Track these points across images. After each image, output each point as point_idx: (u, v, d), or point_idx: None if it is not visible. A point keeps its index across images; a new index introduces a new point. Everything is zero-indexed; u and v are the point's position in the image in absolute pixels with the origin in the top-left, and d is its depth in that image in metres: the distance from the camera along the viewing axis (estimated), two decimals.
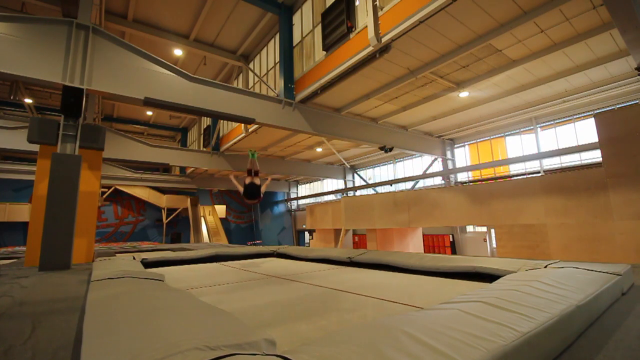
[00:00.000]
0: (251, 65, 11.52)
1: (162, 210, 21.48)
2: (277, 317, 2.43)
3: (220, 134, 14.22)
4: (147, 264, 5.81)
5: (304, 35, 8.73)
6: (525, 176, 11.03)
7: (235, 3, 8.97)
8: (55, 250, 5.10)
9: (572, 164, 10.20)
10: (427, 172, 13.90)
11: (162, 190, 20.93)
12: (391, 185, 15.51)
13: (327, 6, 7.56)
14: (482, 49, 7.01)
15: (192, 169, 16.82)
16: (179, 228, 22.56)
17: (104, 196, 19.51)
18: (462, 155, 13.53)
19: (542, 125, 11.00)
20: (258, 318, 2.41)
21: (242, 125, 11.41)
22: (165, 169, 20.36)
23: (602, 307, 2.15)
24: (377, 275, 4.37)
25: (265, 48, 10.72)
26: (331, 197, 19.94)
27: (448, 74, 8.24)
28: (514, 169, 11.81)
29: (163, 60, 6.71)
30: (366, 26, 6.23)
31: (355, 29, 6.74)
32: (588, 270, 2.74)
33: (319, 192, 20.90)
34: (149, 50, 6.77)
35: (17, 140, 10.18)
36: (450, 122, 11.90)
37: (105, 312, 1.82)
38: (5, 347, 1.66)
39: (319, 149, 15.15)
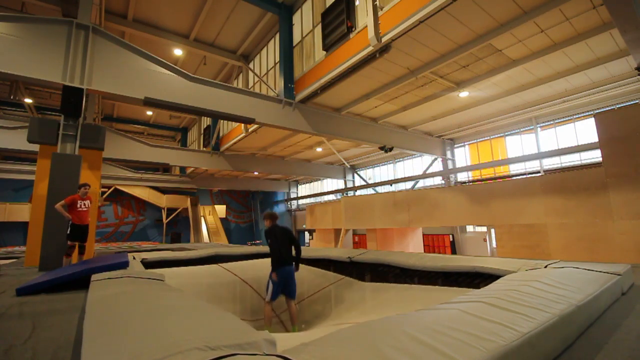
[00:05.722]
0: (251, 65, 11.51)
1: (162, 210, 21.46)
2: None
3: (220, 134, 14.21)
4: (147, 264, 5.80)
5: (304, 35, 8.72)
6: (525, 176, 11.02)
7: (235, 3, 8.96)
8: (55, 250, 5.10)
9: (572, 164, 10.19)
10: (427, 172, 13.89)
11: (162, 190, 20.92)
12: (391, 185, 15.51)
13: (327, 6, 7.55)
14: (482, 48, 7.00)
15: (192, 168, 16.81)
16: (179, 228, 22.54)
17: (104, 196, 19.50)
18: (462, 155, 13.52)
19: (542, 125, 10.99)
20: None
21: (242, 125, 11.41)
22: (166, 169, 20.35)
23: (602, 307, 2.15)
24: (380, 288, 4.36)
25: (265, 48, 10.71)
26: (331, 197, 19.93)
27: (448, 73, 8.23)
28: (514, 169, 11.80)
29: (163, 60, 6.71)
30: (366, 26, 6.22)
31: (355, 28, 6.73)
32: (588, 270, 2.74)
33: (319, 192, 20.88)
34: (149, 50, 6.76)
35: (17, 140, 10.18)
36: (450, 122, 11.89)
37: (105, 312, 1.81)
38: (5, 347, 1.66)
39: (319, 149, 15.15)
